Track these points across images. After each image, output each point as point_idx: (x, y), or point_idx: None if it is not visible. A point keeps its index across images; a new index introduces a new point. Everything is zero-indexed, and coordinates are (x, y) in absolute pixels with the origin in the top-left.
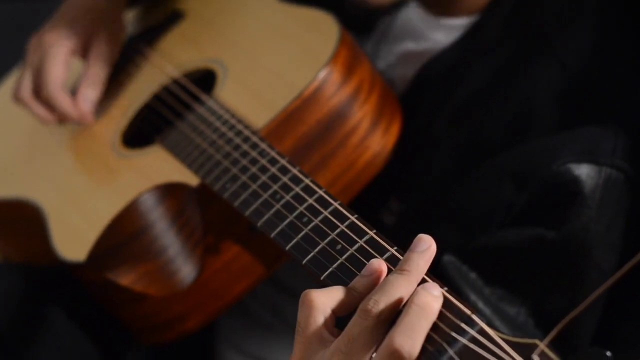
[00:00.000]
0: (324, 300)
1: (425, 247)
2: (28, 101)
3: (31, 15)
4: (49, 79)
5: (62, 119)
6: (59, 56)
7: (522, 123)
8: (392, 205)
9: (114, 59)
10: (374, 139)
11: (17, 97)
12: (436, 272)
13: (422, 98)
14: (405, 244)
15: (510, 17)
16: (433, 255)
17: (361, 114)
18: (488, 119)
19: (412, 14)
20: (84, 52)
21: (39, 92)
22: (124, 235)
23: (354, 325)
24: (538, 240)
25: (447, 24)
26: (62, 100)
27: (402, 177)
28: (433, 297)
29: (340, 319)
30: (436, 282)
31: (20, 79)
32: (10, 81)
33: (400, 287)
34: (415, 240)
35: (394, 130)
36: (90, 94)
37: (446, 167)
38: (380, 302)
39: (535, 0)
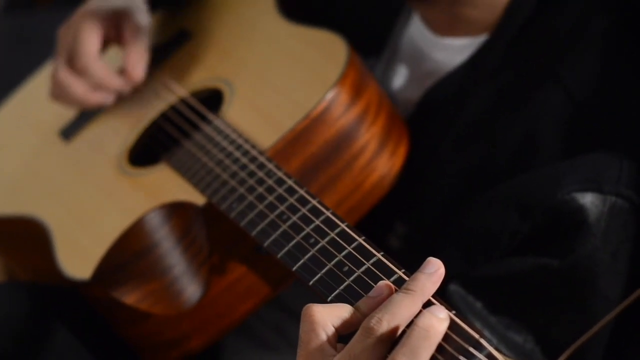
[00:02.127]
0: (326, 316)
1: (433, 270)
2: (65, 78)
3: (34, 29)
4: (83, 48)
5: (97, 104)
6: (93, 28)
7: (527, 149)
8: (397, 228)
9: (149, 28)
10: (381, 161)
11: (54, 79)
12: (442, 299)
13: (428, 121)
14: (410, 267)
15: (515, 42)
16: (441, 279)
17: (368, 136)
18: (493, 145)
19: (415, 33)
20: (114, 29)
21: (74, 65)
22: (129, 254)
23: (356, 342)
24: (543, 269)
25: (449, 44)
26: (99, 67)
27: (408, 200)
28: (438, 319)
29: (343, 336)
30: (444, 305)
31: (57, 68)
32: (16, 97)
33: (404, 307)
34: (425, 262)
35: (401, 152)
36: (140, 56)
37: (450, 192)
38: (384, 320)
39: (541, 26)
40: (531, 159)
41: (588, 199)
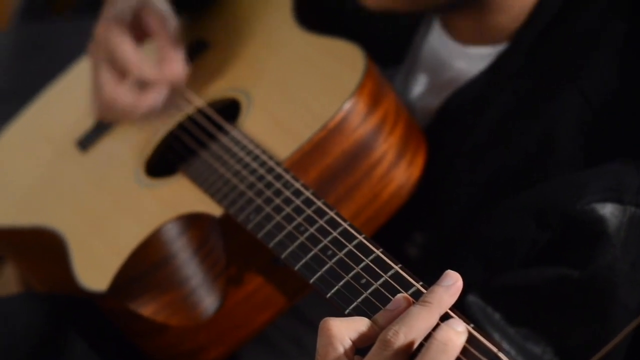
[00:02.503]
0: (343, 330)
1: (451, 283)
2: (112, 91)
3: (50, 36)
4: (126, 56)
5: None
6: (123, 34)
7: (544, 155)
8: (416, 237)
9: (177, 29)
10: (398, 170)
11: (102, 98)
12: (460, 311)
13: (447, 130)
14: (428, 277)
15: (534, 48)
16: (459, 292)
17: (386, 146)
18: (510, 151)
19: (435, 43)
20: (138, 28)
21: (122, 73)
22: (146, 265)
23: (373, 355)
24: (562, 280)
25: (471, 53)
26: (148, 68)
27: (426, 209)
28: (456, 332)
29: (360, 349)
30: (462, 318)
31: (95, 80)
32: (33, 107)
33: (421, 320)
34: (443, 274)
35: (419, 162)
36: (175, 54)
37: (468, 201)
38: (400, 333)
39: (560, 32)
40: (549, 165)
41: (608, 210)
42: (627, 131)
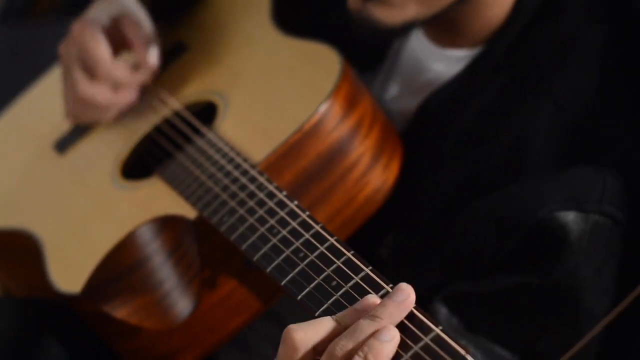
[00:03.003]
0: (307, 339)
1: (403, 298)
2: (87, 89)
3: (30, 40)
4: (98, 56)
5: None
6: (97, 33)
7: (515, 160)
8: (388, 239)
9: (153, 32)
10: (374, 174)
11: (75, 97)
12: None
13: (422, 132)
14: (399, 279)
15: (510, 52)
16: (411, 306)
17: (362, 149)
18: (481, 156)
19: (415, 45)
20: (116, 31)
21: (94, 74)
22: (120, 268)
23: None
24: (524, 287)
25: (449, 55)
26: (119, 68)
27: (398, 211)
28: (380, 343)
29: None
30: (431, 322)
31: (67, 80)
32: (11, 111)
33: (368, 334)
34: (395, 288)
35: (395, 165)
36: (150, 47)
37: (440, 203)
38: (347, 347)
39: (535, 37)
40: (519, 170)
41: (570, 218)
42: (597, 139)
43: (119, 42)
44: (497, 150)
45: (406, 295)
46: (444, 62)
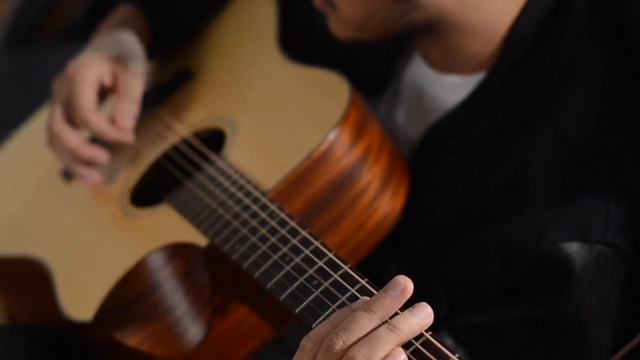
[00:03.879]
0: (308, 337)
1: (398, 292)
2: (60, 130)
3: (34, 65)
4: (80, 101)
5: (91, 157)
6: (88, 79)
7: (515, 189)
8: (392, 266)
9: (144, 78)
10: (383, 200)
11: (49, 130)
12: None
13: (427, 159)
14: (401, 308)
15: (509, 79)
16: (406, 299)
17: (370, 176)
18: (481, 185)
19: (415, 71)
20: (110, 77)
21: (73, 118)
22: (131, 295)
23: (318, 358)
24: (529, 318)
25: (447, 81)
26: (97, 119)
27: (402, 239)
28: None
29: None
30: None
31: (50, 114)
32: (17, 138)
33: (362, 326)
34: (391, 281)
35: (403, 192)
36: (128, 108)
37: (442, 232)
38: (340, 337)
39: (535, 63)
40: (519, 200)
41: (574, 249)
42: (600, 168)
43: (109, 82)
44: (497, 179)
45: (402, 288)
46: (443, 89)
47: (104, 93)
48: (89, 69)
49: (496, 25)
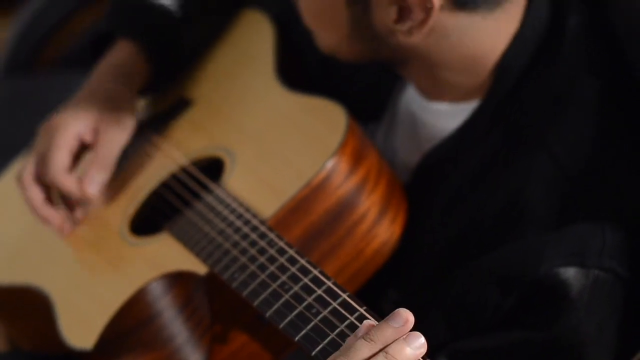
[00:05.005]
0: None
1: (400, 325)
2: (27, 184)
3: (33, 92)
4: (52, 162)
5: (46, 218)
6: (65, 140)
7: (511, 216)
8: (390, 294)
9: (123, 144)
10: (381, 228)
11: (18, 179)
12: None
13: (424, 187)
14: None
15: (503, 108)
16: (406, 331)
17: (369, 203)
18: (477, 211)
19: (409, 98)
20: (93, 135)
21: (42, 176)
22: (131, 323)
23: None
24: (527, 342)
25: (438, 109)
26: (66, 181)
27: (399, 266)
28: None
29: None
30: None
31: (25, 163)
32: (16, 166)
33: (361, 355)
34: (393, 313)
35: (401, 219)
36: (97, 176)
37: (439, 259)
38: None
39: (528, 91)
40: (516, 225)
41: (570, 274)
42: (596, 193)
43: (90, 138)
44: (494, 205)
45: (404, 321)
46: (436, 116)
47: (84, 147)
48: (70, 129)
49: (483, 58)
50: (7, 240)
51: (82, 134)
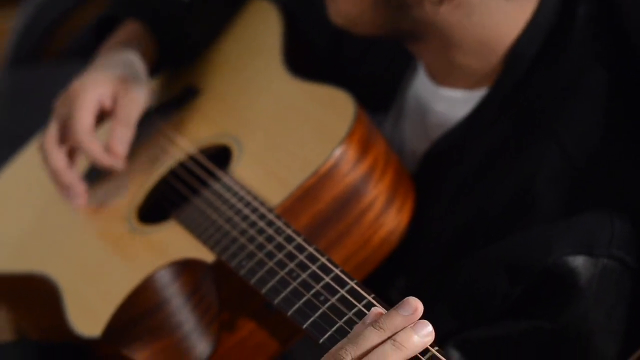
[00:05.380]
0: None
1: (409, 313)
2: (49, 149)
3: (39, 83)
4: (77, 125)
5: (69, 183)
6: (88, 103)
7: (520, 205)
8: (398, 282)
9: (143, 105)
10: (389, 216)
11: (41, 147)
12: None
13: (432, 175)
14: None
15: (512, 96)
16: (415, 320)
17: (376, 192)
18: (486, 200)
19: (418, 86)
20: (112, 101)
21: (67, 139)
22: (139, 311)
23: None
24: (536, 331)
25: (448, 95)
26: (92, 144)
27: (408, 254)
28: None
29: None
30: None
31: (46, 130)
32: (22, 155)
33: (370, 342)
34: (403, 301)
35: (408, 207)
36: (123, 133)
37: (447, 248)
38: (348, 351)
39: (538, 80)
40: (524, 216)
41: (579, 262)
42: (605, 183)
43: (109, 105)
44: (502, 194)
45: (413, 309)
46: (444, 103)
47: (103, 115)
48: (91, 93)
49: (497, 43)
50: (15, 229)
51: (102, 98)
